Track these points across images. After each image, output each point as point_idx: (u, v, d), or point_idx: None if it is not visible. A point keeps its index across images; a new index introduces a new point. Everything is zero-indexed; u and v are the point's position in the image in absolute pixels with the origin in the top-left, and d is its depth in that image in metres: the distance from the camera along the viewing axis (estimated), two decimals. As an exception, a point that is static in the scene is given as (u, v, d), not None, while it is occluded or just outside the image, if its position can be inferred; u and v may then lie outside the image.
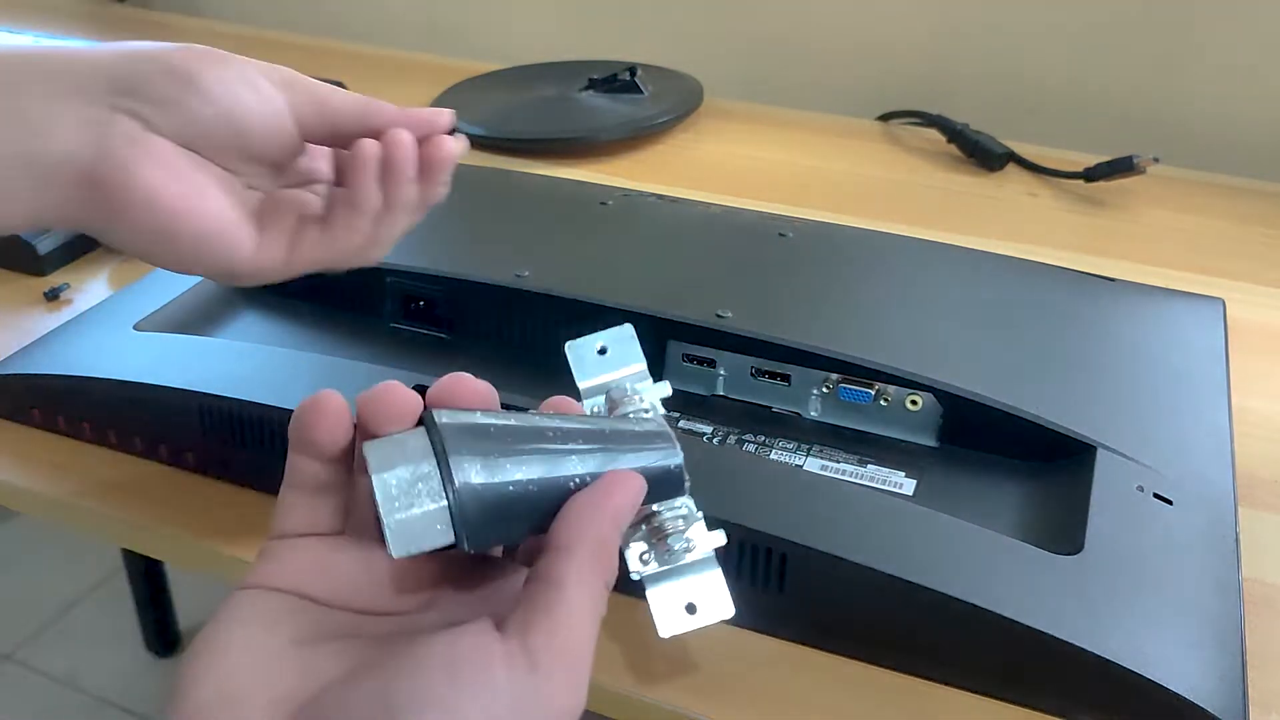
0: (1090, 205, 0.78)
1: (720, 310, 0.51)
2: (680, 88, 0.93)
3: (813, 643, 0.41)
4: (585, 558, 0.29)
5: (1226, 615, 0.39)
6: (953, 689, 0.40)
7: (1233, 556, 0.42)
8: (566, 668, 0.28)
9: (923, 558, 0.39)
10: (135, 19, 1.21)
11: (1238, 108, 0.86)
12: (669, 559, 0.33)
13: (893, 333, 0.52)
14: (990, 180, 0.82)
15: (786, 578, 0.40)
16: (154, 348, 0.52)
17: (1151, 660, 0.37)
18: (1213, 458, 0.47)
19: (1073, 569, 0.40)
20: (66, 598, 1.51)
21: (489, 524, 0.30)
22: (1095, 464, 0.44)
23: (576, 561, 0.29)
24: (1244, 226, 0.75)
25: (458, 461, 0.29)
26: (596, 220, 0.62)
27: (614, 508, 0.31)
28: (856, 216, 0.72)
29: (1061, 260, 0.64)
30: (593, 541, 0.30)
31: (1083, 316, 0.56)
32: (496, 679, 0.27)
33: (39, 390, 0.53)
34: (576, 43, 1.06)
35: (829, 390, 0.50)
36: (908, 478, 0.47)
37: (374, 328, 0.57)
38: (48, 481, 0.51)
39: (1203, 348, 0.55)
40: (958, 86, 0.94)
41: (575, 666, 0.28)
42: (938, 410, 0.48)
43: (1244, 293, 0.66)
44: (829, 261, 0.59)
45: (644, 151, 0.86)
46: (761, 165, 0.84)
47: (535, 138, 0.84)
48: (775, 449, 0.48)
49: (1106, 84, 0.90)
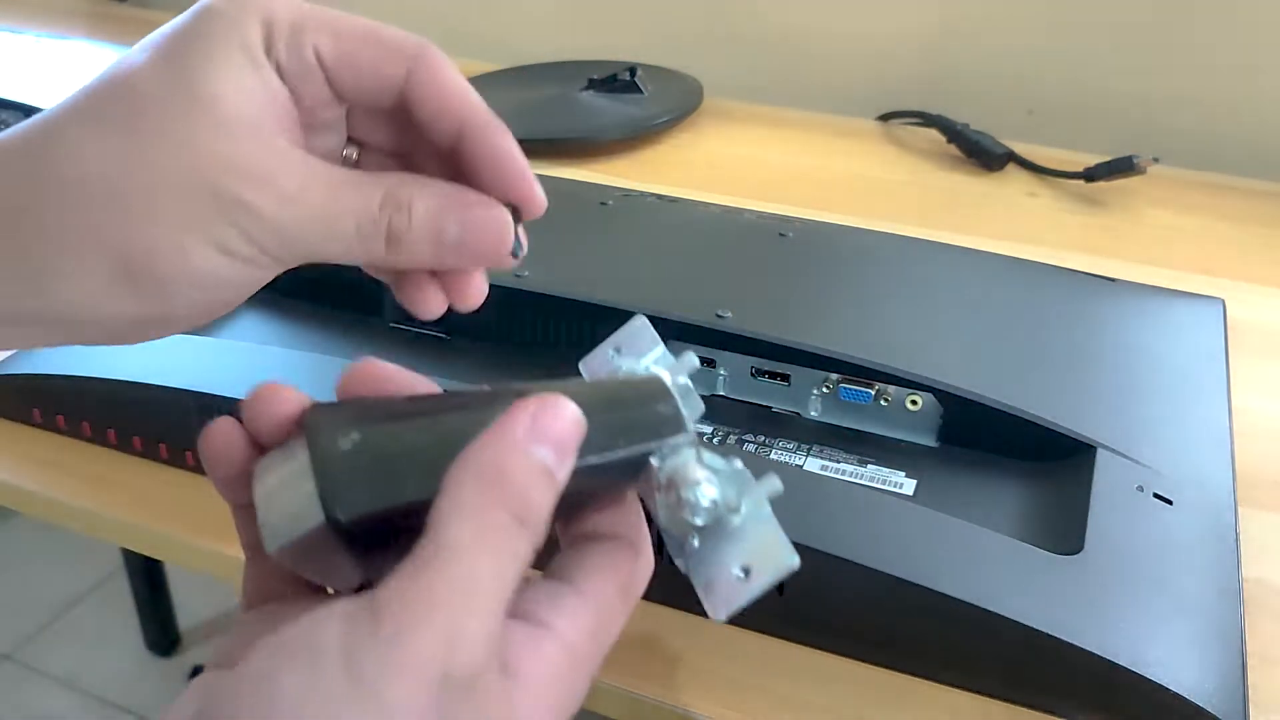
0: (1090, 205, 0.78)
1: (720, 310, 0.51)
2: (680, 88, 0.94)
3: (812, 643, 0.41)
4: (470, 493, 0.25)
5: (1226, 615, 0.39)
6: (953, 689, 0.40)
7: (1233, 556, 0.42)
8: (428, 620, 0.23)
9: (923, 558, 0.39)
10: (135, 19, 1.21)
11: (1238, 108, 0.86)
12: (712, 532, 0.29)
13: (893, 333, 0.52)
14: (990, 180, 0.82)
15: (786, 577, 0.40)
16: (153, 348, 0.51)
17: (1151, 660, 0.37)
18: (1213, 458, 0.47)
19: (1073, 569, 0.40)
20: (66, 598, 1.51)
21: (364, 486, 0.26)
22: (1095, 464, 0.44)
23: (453, 497, 0.25)
24: (1244, 226, 0.75)
25: (320, 433, 0.26)
26: (596, 220, 0.62)
27: (512, 432, 0.26)
28: (856, 216, 0.72)
29: (1061, 260, 0.64)
30: (481, 473, 0.25)
31: (1083, 316, 0.56)
32: (323, 639, 0.23)
33: (39, 390, 0.53)
34: (576, 43, 1.06)
35: (829, 390, 0.50)
36: (908, 478, 0.47)
37: (374, 328, 0.57)
38: (48, 481, 0.51)
39: (1203, 348, 0.55)
40: (958, 86, 0.94)
41: (446, 619, 0.23)
42: (938, 410, 0.48)
43: (1244, 293, 0.66)
44: (829, 261, 0.59)
45: (644, 151, 0.86)
46: (761, 165, 0.84)
47: (535, 138, 0.84)
48: (775, 449, 0.48)
49: (1106, 84, 0.90)
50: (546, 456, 0.26)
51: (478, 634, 0.23)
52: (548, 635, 0.27)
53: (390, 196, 0.31)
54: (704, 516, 0.29)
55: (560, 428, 0.26)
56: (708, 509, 0.29)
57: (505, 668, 0.25)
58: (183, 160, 0.29)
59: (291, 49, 0.31)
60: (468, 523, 0.24)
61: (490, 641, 0.24)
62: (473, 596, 0.24)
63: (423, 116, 0.32)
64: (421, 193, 0.32)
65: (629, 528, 0.31)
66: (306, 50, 0.31)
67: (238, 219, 0.29)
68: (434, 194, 0.32)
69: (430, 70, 0.32)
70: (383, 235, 0.31)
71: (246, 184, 0.29)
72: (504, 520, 0.25)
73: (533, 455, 0.26)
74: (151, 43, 0.31)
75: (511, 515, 0.25)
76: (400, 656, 0.22)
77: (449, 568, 0.24)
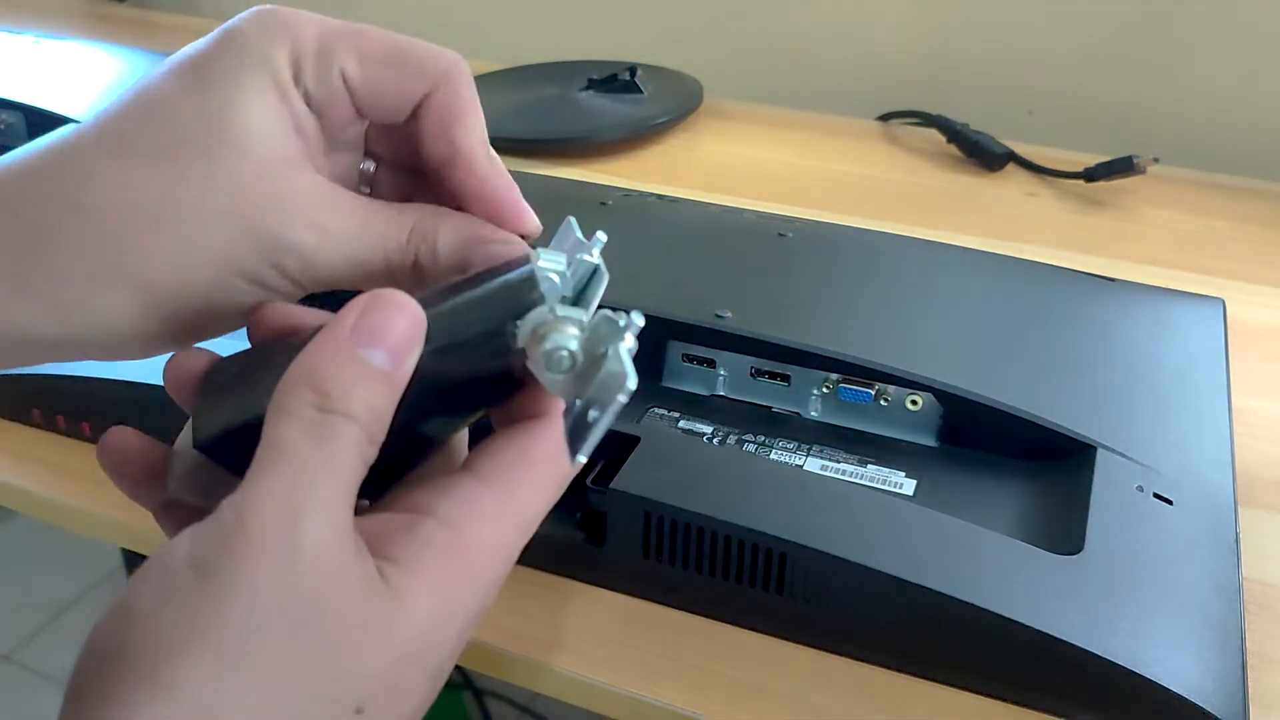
0: (1090, 205, 0.78)
1: (720, 310, 0.51)
2: (680, 88, 0.93)
3: (812, 643, 0.41)
4: (290, 397, 0.25)
5: (1226, 615, 0.39)
6: (953, 689, 0.40)
7: (1233, 556, 0.42)
8: (264, 506, 0.24)
9: (923, 558, 0.39)
10: (135, 19, 1.21)
11: (1238, 108, 0.86)
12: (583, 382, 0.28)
13: (892, 333, 0.52)
14: (990, 180, 0.82)
15: (787, 578, 0.40)
16: (154, 348, 0.52)
17: (1151, 660, 0.37)
18: (1213, 458, 0.47)
19: (1073, 569, 0.40)
20: (66, 598, 1.51)
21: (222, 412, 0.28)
22: (1095, 464, 0.44)
23: (277, 402, 0.25)
24: (1244, 226, 0.75)
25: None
26: (596, 220, 0.62)
27: (336, 333, 0.26)
28: (856, 216, 0.72)
29: (1061, 260, 0.64)
30: (301, 377, 0.25)
31: (1083, 316, 0.56)
32: (173, 554, 0.24)
33: (39, 390, 0.53)
34: (576, 43, 1.06)
35: (829, 390, 0.50)
36: (908, 478, 0.47)
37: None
38: (48, 481, 0.51)
39: (1203, 348, 0.55)
40: (958, 86, 0.94)
41: (280, 503, 0.24)
42: (938, 410, 0.48)
43: (1244, 293, 0.66)
44: (829, 261, 0.59)
45: (644, 151, 0.86)
46: (761, 165, 0.84)
47: (535, 138, 0.84)
48: (775, 449, 0.48)
49: (1106, 84, 0.90)
50: (372, 352, 0.26)
51: (315, 512, 0.24)
52: (425, 520, 0.27)
53: (417, 230, 0.32)
54: (566, 368, 0.28)
55: (387, 320, 0.26)
56: (568, 361, 0.28)
57: (381, 553, 0.26)
58: (219, 197, 0.29)
59: (319, 76, 0.31)
60: (287, 422, 0.25)
61: (333, 521, 0.24)
62: (303, 482, 0.24)
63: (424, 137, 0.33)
64: (444, 226, 0.32)
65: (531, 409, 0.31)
66: (334, 76, 0.31)
67: (275, 256, 0.30)
68: (455, 228, 0.32)
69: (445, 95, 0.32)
70: (409, 267, 0.32)
71: (284, 222, 0.30)
72: (323, 416, 0.25)
73: (355, 352, 0.26)
74: (178, 67, 0.31)
75: (333, 411, 0.25)
76: (242, 545, 0.23)
77: (276, 464, 0.24)
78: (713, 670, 0.41)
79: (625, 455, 0.43)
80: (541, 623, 0.43)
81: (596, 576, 0.44)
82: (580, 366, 0.28)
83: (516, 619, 0.43)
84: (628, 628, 0.42)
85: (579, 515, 0.44)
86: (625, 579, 0.43)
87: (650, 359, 0.52)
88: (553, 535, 0.44)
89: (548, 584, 0.44)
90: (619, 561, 0.43)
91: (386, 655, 0.25)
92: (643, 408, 0.51)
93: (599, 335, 0.28)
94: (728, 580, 0.41)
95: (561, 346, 0.28)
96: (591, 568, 0.44)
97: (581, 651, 0.41)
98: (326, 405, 0.25)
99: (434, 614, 0.26)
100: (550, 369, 0.28)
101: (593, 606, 0.43)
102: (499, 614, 0.43)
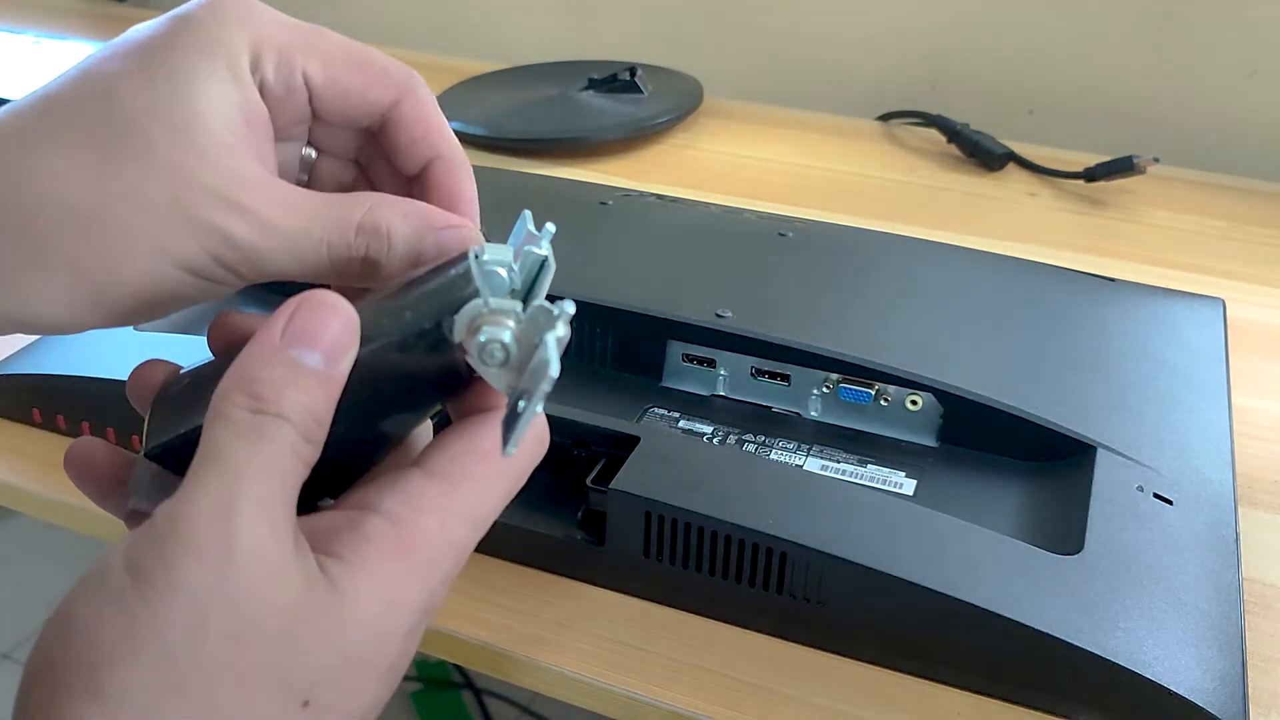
0: (1090, 205, 0.78)
1: (720, 310, 0.51)
2: (680, 88, 0.94)
3: (812, 643, 0.41)
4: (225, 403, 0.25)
5: (1226, 615, 0.39)
6: (952, 689, 0.40)
7: (1233, 556, 0.42)
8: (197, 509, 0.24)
9: (923, 558, 0.39)
10: (135, 19, 1.21)
11: (1238, 108, 0.86)
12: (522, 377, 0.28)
13: (892, 333, 0.52)
14: (990, 180, 0.82)
15: (787, 578, 0.40)
16: (154, 348, 0.52)
17: (1151, 660, 0.37)
18: (1213, 458, 0.47)
19: (1073, 569, 0.40)
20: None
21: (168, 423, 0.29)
22: (1095, 464, 0.44)
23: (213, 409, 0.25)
24: (1244, 226, 0.75)
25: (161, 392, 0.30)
26: (596, 220, 0.62)
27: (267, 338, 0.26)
28: (856, 216, 0.72)
29: (1061, 260, 0.64)
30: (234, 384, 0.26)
31: (1083, 316, 0.56)
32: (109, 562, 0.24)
33: (39, 390, 0.53)
34: (576, 43, 1.06)
35: (829, 390, 0.50)
36: (908, 478, 0.47)
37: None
38: (48, 481, 0.51)
39: (1203, 348, 0.55)
40: (958, 86, 0.94)
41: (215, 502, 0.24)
42: (938, 410, 0.48)
43: (1244, 293, 0.66)
44: (829, 261, 0.59)
45: (644, 151, 0.86)
46: (761, 165, 0.84)
47: (535, 138, 0.84)
48: (775, 449, 0.48)
49: (1106, 84, 0.90)
50: (305, 353, 0.26)
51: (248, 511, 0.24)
52: (369, 516, 0.27)
53: (368, 223, 0.31)
54: (501, 361, 0.28)
55: (319, 320, 0.27)
56: (501, 353, 0.28)
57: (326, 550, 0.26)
58: (162, 187, 0.29)
59: (279, 71, 0.31)
60: (222, 425, 0.25)
61: (268, 519, 0.24)
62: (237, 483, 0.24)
63: (399, 142, 0.33)
64: (396, 215, 0.32)
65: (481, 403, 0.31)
66: (295, 74, 0.31)
67: (211, 245, 0.30)
68: (407, 216, 0.32)
69: (416, 103, 0.33)
70: (358, 261, 0.31)
71: (224, 212, 0.30)
72: (256, 418, 0.25)
73: (286, 354, 0.26)
74: (126, 48, 0.31)
75: (265, 413, 0.25)
76: (174, 546, 0.23)
77: (211, 468, 0.25)
78: (713, 670, 0.41)
79: (625, 455, 0.43)
80: (541, 623, 0.43)
81: (596, 576, 0.44)
82: (516, 358, 0.28)
83: (516, 619, 0.43)
84: (628, 628, 0.42)
85: (579, 515, 0.44)
86: (625, 579, 0.43)
87: (650, 359, 0.52)
88: (553, 535, 0.44)
89: (548, 584, 0.44)
90: (619, 561, 0.43)
91: (331, 651, 0.25)
92: (643, 408, 0.51)
93: (535, 326, 0.28)
94: (728, 580, 0.41)
95: (495, 339, 0.28)
96: (591, 567, 0.44)
97: (581, 651, 0.41)
98: (259, 408, 0.25)
99: (379, 608, 0.26)
100: (486, 362, 0.28)
101: (593, 606, 0.43)
102: (499, 614, 0.43)
